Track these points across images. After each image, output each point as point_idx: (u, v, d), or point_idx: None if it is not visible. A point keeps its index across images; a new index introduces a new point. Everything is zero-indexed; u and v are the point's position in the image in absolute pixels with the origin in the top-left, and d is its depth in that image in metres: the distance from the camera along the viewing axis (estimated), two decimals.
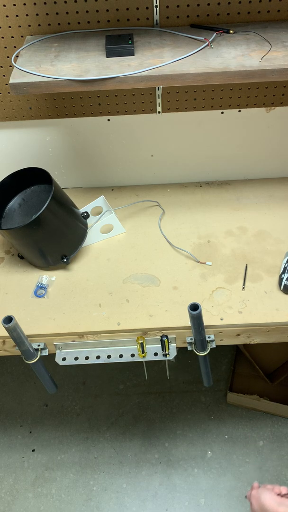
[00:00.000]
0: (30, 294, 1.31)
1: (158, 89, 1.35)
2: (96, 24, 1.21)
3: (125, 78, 1.04)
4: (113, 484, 1.85)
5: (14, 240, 1.31)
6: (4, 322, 1.05)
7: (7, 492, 1.86)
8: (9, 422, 2.06)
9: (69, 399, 2.11)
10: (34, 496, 1.84)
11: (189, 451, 1.91)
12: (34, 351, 1.19)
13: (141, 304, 1.25)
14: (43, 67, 1.08)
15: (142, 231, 1.47)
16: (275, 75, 1.03)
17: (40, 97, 1.38)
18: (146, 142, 1.51)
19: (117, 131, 1.47)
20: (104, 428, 2.01)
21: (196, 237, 1.43)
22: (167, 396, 2.08)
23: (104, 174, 1.62)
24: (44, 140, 1.50)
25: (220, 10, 1.18)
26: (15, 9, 1.17)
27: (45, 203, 1.20)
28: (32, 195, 1.38)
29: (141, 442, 1.95)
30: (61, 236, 1.31)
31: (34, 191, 1.39)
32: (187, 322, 1.09)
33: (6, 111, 1.41)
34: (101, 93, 1.37)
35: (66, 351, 1.25)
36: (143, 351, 1.19)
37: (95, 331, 1.21)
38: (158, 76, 1.04)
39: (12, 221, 1.37)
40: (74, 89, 1.06)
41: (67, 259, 1.34)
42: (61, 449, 1.96)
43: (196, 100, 1.38)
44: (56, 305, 1.28)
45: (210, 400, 2.05)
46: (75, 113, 1.42)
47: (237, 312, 1.21)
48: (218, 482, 1.82)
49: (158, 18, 1.19)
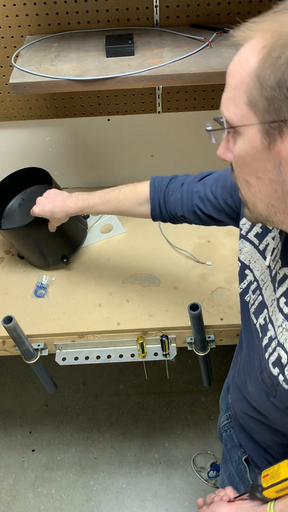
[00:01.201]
0: (30, 294, 1.31)
1: (158, 89, 1.35)
2: (96, 24, 1.21)
3: (125, 78, 1.04)
4: (113, 484, 1.85)
5: (14, 240, 1.31)
6: (4, 322, 1.06)
7: (7, 492, 1.86)
8: (9, 422, 2.06)
9: (69, 399, 2.11)
10: (34, 496, 1.84)
11: (189, 451, 1.91)
12: (34, 351, 1.19)
13: (141, 304, 1.25)
14: (43, 67, 1.09)
15: (142, 231, 1.47)
16: None
17: (40, 97, 1.38)
18: (146, 142, 1.51)
19: (117, 131, 1.47)
20: (104, 428, 2.01)
21: (196, 237, 1.43)
22: (167, 396, 2.08)
23: (104, 174, 1.62)
24: (44, 140, 1.50)
25: (220, 10, 1.18)
26: (15, 9, 1.17)
27: None
28: (32, 195, 1.38)
29: (141, 442, 1.95)
30: (61, 237, 1.31)
31: (34, 191, 1.39)
32: (187, 322, 1.09)
33: (6, 111, 1.41)
34: (101, 93, 1.37)
35: (66, 351, 1.25)
36: (143, 351, 1.19)
37: (95, 331, 1.21)
38: (158, 76, 1.04)
39: (12, 221, 1.37)
40: (74, 89, 1.06)
41: (67, 259, 1.34)
42: (61, 449, 1.96)
43: (196, 100, 1.38)
44: (56, 305, 1.28)
45: (210, 400, 2.05)
46: (75, 113, 1.42)
47: (237, 312, 1.21)
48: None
49: (158, 18, 1.19)
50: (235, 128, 0.52)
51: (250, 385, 0.78)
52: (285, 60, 0.45)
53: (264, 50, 0.47)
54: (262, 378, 0.70)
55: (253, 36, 0.49)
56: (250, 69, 0.48)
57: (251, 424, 0.86)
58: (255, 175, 0.54)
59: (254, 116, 0.50)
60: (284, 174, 0.51)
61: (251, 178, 0.55)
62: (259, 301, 0.72)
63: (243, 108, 0.50)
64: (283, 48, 0.45)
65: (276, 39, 0.46)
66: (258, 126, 0.50)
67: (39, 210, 1.14)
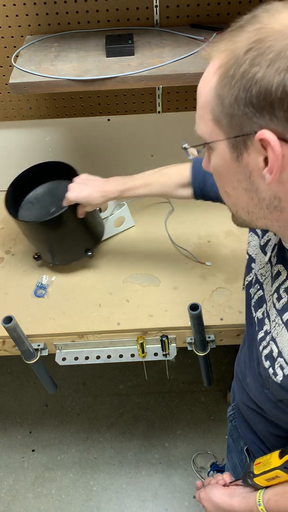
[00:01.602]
0: (30, 294, 1.31)
1: (158, 89, 1.35)
2: (96, 24, 1.20)
3: (125, 78, 1.04)
4: (113, 484, 1.85)
5: (37, 235, 1.26)
6: (4, 322, 1.05)
7: (7, 492, 1.86)
8: (9, 422, 2.06)
9: (69, 399, 2.11)
10: (34, 496, 1.84)
11: (189, 451, 1.91)
12: (34, 351, 1.19)
13: (141, 304, 1.25)
14: (43, 67, 1.09)
15: (142, 231, 1.47)
16: None
17: (40, 97, 1.38)
18: (146, 142, 1.51)
19: (117, 131, 1.47)
20: (104, 428, 2.01)
21: (196, 237, 1.43)
22: (167, 396, 2.08)
23: (104, 174, 1.61)
24: (44, 140, 1.50)
25: (220, 10, 1.18)
26: (15, 9, 1.17)
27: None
28: (51, 189, 1.35)
29: (141, 442, 1.95)
30: (86, 228, 1.28)
31: (53, 186, 1.36)
32: (187, 322, 1.09)
33: (6, 111, 1.41)
34: (101, 93, 1.37)
35: (66, 351, 1.24)
36: (143, 351, 1.19)
37: (95, 331, 1.21)
38: (158, 76, 1.04)
39: (29, 214, 1.33)
40: (74, 89, 1.06)
41: (91, 252, 1.31)
42: (61, 449, 1.96)
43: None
44: (56, 305, 1.28)
45: (210, 400, 2.05)
46: (75, 113, 1.42)
47: (237, 312, 1.21)
48: None
49: (158, 18, 1.19)
50: (208, 144, 0.55)
51: (248, 377, 0.81)
52: (239, 78, 0.47)
53: (220, 69, 0.50)
54: (259, 371, 0.73)
55: (212, 56, 0.52)
56: (211, 88, 0.51)
57: (250, 415, 0.89)
58: (231, 186, 0.57)
59: (221, 132, 0.52)
60: (256, 184, 0.53)
61: (228, 189, 0.58)
62: (259, 295, 0.75)
63: (210, 125, 0.53)
64: (236, 66, 0.47)
65: (229, 58, 0.48)
66: (225, 142, 0.52)
67: (74, 196, 1.11)
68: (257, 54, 0.46)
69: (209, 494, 0.84)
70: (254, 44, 0.46)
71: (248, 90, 0.46)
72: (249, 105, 0.47)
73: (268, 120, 0.47)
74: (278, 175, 0.50)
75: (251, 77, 0.46)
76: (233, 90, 0.48)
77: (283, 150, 0.48)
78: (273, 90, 0.45)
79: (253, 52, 0.46)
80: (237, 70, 0.47)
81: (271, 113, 0.46)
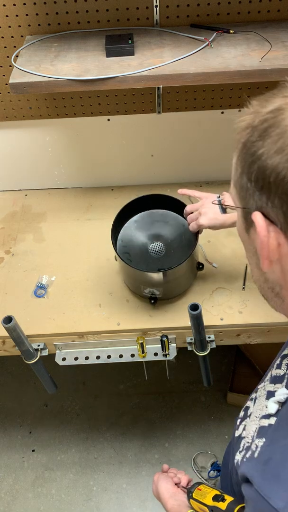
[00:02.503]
0: (30, 294, 1.31)
1: (158, 89, 1.35)
2: (96, 24, 1.20)
3: (125, 78, 1.04)
4: (113, 484, 1.84)
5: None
6: (4, 322, 1.05)
7: (7, 492, 1.86)
8: (9, 422, 2.06)
9: (69, 399, 2.11)
10: (34, 496, 1.84)
11: (189, 451, 1.90)
12: (34, 351, 1.19)
13: (141, 304, 1.25)
14: (43, 67, 1.08)
15: None
16: (275, 75, 1.03)
17: (40, 97, 1.38)
18: (146, 142, 1.51)
19: (117, 131, 1.47)
20: (104, 428, 2.01)
21: None
22: (167, 396, 2.08)
23: (104, 174, 1.62)
24: (44, 140, 1.50)
25: (220, 10, 1.17)
26: (15, 9, 1.17)
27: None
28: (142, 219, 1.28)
29: (141, 442, 1.95)
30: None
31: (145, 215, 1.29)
32: (187, 322, 1.09)
33: (6, 111, 1.41)
34: (101, 93, 1.37)
35: (66, 351, 1.24)
36: (143, 351, 1.19)
37: (95, 331, 1.21)
38: (158, 76, 1.04)
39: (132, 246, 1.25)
40: (74, 89, 1.06)
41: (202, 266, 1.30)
42: (61, 449, 1.96)
43: (196, 100, 1.38)
44: (56, 305, 1.28)
45: (210, 400, 2.05)
46: (75, 113, 1.42)
47: (237, 312, 1.21)
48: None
49: (158, 18, 1.19)
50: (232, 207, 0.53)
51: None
52: (246, 150, 0.45)
53: (241, 133, 0.46)
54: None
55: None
56: (235, 156, 0.48)
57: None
58: (248, 255, 0.54)
59: (237, 199, 0.50)
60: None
61: (247, 256, 0.55)
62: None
63: (233, 190, 0.50)
64: (250, 135, 0.44)
65: (249, 123, 0.45)
66: (239, 210, 0.50)
67: (208, 220, 1.05)
68: (268, 126, 0.42)
69: (159, 481, 0.91)
70: (270, 114, 0.42)
71: (251, 165, 0.43)
72: (251, 181, 0.44)
73: (265, 202, 0.44)
74: (270, 265, 0.46)
75: (253, 152, 0.43)
76: (243, 162, 0.45)
77: (279, 239, 0.44)
78: (267, 173, 0.41)
79: (265, 123, 0.42)
80: (249, 139, 0.44)
81: (268, 196, 0.43)
